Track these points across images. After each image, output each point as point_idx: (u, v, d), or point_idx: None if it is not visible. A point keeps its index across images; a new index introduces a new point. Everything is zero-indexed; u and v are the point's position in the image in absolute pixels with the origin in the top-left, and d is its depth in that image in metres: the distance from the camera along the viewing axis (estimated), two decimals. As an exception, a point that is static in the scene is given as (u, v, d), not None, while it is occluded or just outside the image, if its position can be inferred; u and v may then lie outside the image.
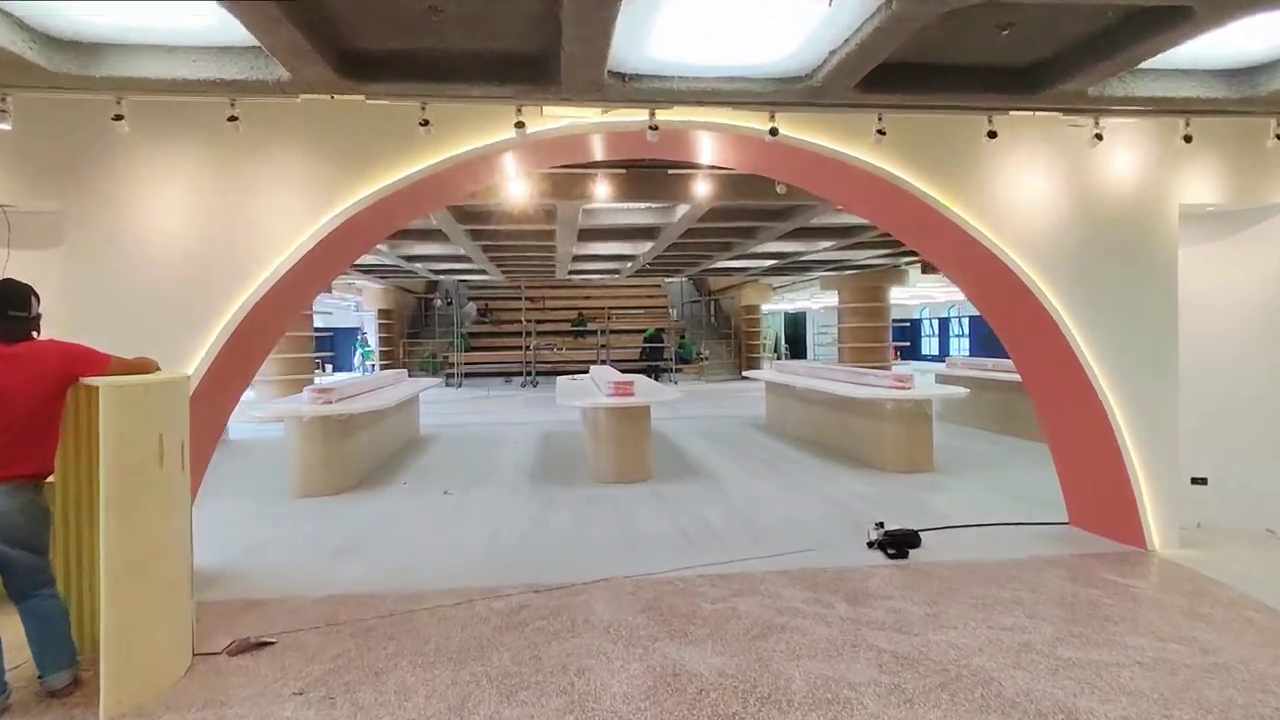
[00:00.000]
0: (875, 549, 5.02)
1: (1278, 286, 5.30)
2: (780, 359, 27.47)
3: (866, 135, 4.42)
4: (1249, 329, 5.39)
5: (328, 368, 23.40)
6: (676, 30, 3.55)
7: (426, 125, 4.04)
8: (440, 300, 24.54)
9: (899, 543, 4.99)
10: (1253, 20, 3.33)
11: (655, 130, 4.23)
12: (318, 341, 15.85)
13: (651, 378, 16.64)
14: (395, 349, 22.78)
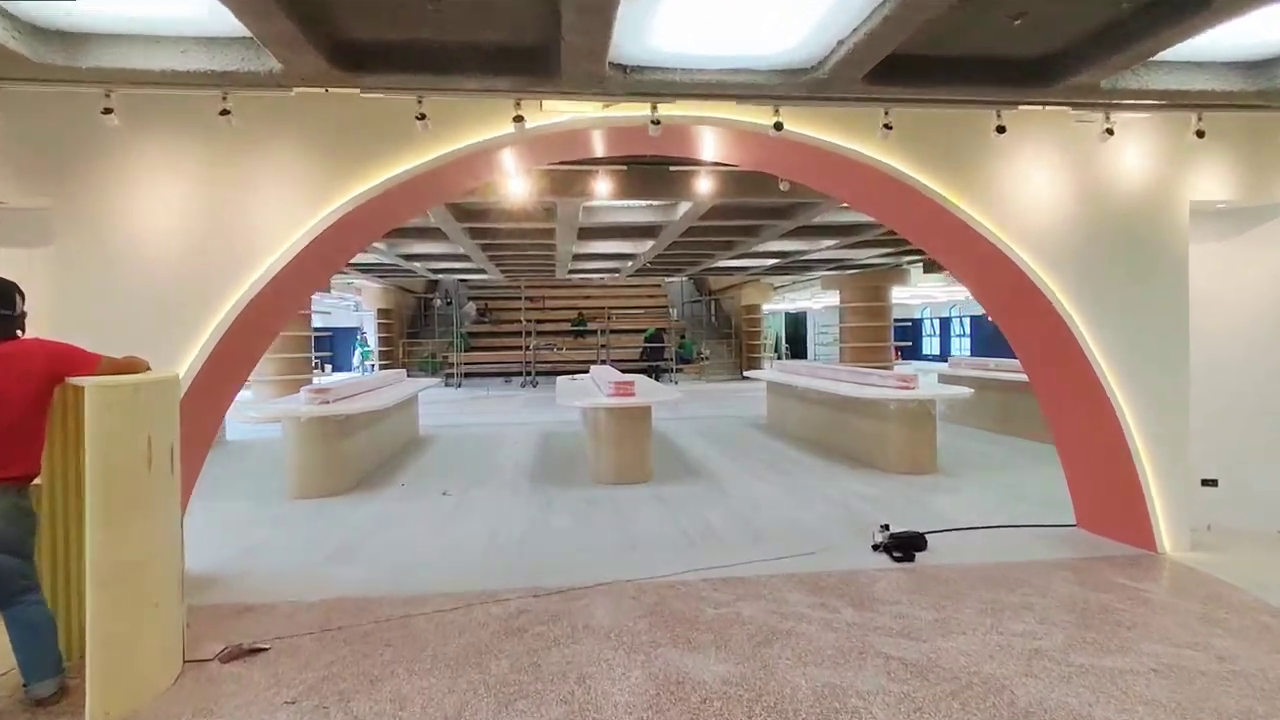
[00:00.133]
0: (880, 552, 4.94)
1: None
2: (781, 359, 27.41)
3: (871, 131, 4.34)
4: (1259, 327, 5.31)
5: (327, 368, 23.31)
6: (680, 20, 3.46)
7: (423, 119, 3.96)
8: (440, 300, 24.45)
9: (904, 545, 4.90)
10: (1272, 9, 3.24)
11: (657, 125, 4.14)
12: (317, 341, 15.76)
13: (652, 378, 16.55)
14: (395, 349, 22.70)
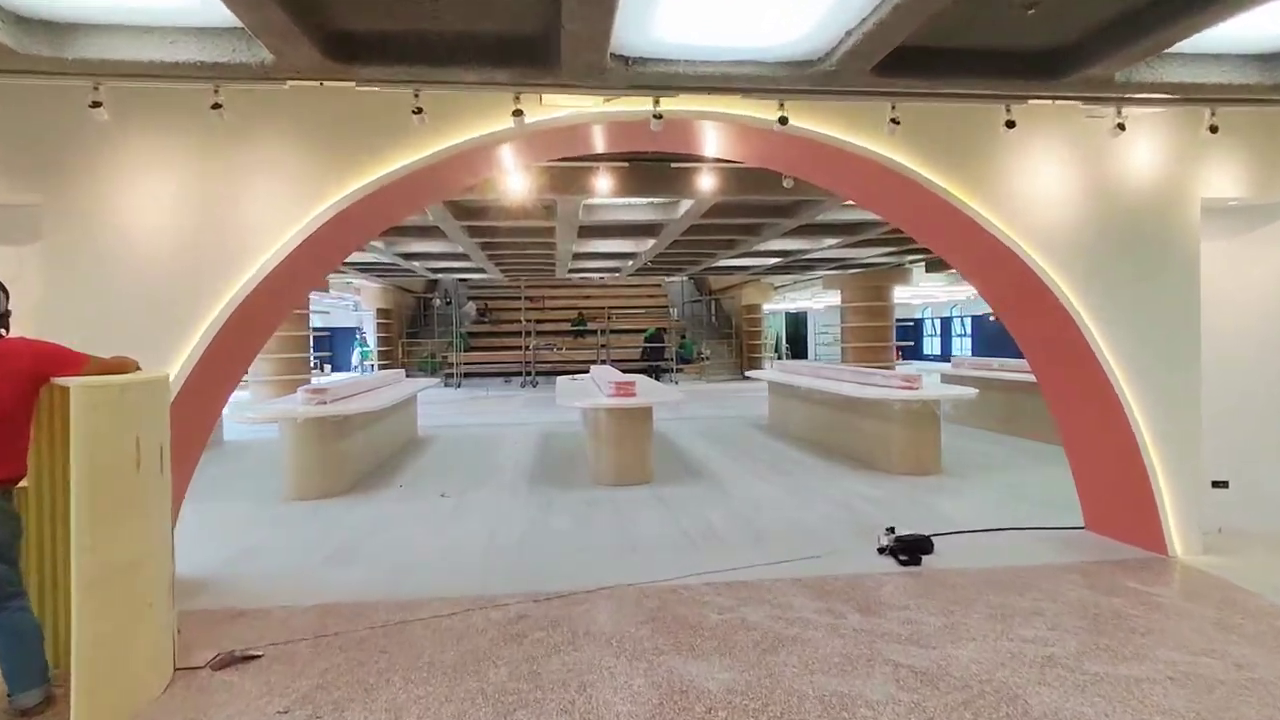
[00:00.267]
0: (886, 555, 4.85)
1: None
2: (781, 359, 27.32)
3: (877, 126, 4.26)
4: (1269, 326, 5.23)
5: (326, 368, 23.22)
6: (683, 10, 3.36)
7: (420, 113, 3.86)
8: (439, 300, 24.36)
9: (911, 549, 4.81)
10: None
11: (659, 119, 4.04)
12: (316, 341, 15.68)
13: (652, 378, 16.47)
14: (394, 349, 22.61)
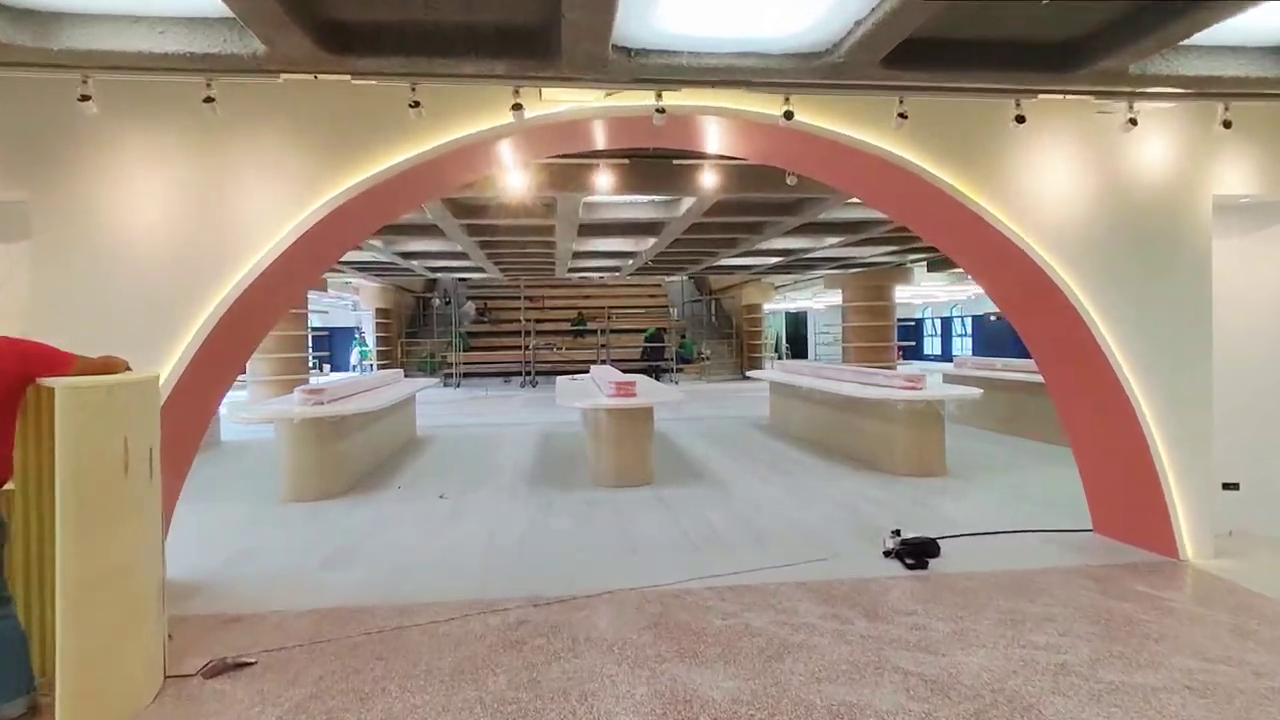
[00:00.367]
0: (892, 558, 4.76)
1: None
2: (781, 359, 27.23)
3: (884, 121, 4.17)
4: (1277, 325, 5.14)
5: (325, 368, 23.12)
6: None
7: (417, 107, 3.78)
8: (438, 299, 24.27)
9: (918, 552, 4.72)
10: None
11: (662, 113, 3.95)
12: (314, 341, 15.59)
13: (652, 378, 16.39)
14: (393, 348, 22.51)
